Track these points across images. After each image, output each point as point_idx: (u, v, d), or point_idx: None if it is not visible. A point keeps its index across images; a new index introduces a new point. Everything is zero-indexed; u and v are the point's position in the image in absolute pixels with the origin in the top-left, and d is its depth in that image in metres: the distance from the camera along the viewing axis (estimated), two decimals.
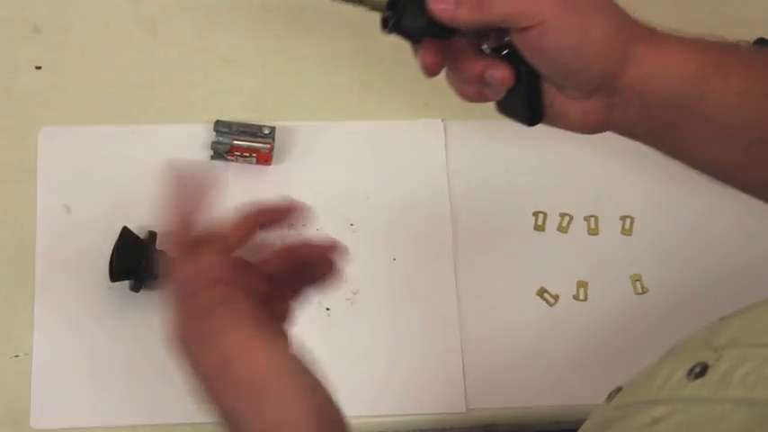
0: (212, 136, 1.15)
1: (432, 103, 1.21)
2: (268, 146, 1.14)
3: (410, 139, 1.19)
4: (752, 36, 1.23)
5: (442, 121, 1.20)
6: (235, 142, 1.14)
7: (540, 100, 0.87)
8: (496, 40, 0.85)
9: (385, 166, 1.19)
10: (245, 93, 1.21)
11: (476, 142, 1.20)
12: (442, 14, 0.81)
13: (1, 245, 1.14)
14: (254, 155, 1.15)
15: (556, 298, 1.16)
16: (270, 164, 1.16)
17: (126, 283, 1.10)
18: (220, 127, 1.15)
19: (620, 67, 0.82)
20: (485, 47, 0.86)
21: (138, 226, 1.12)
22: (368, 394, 1.11)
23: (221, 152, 1.14)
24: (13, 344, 1.10)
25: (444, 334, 1.14)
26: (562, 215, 1.19)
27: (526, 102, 0.88)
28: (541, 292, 1.16)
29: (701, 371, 0.68)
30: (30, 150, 1.16)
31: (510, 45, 0.84)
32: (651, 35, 0.83)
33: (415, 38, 0.86)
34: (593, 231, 1.19)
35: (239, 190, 1.16)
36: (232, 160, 1.15)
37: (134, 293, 1.10)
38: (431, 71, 0.86)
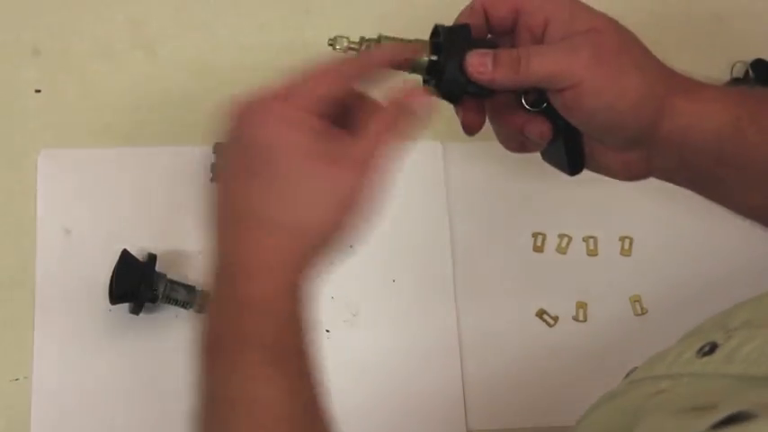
0: (212, 158, 1.15)
1: (431, 125, 1.21)
2: None
3: (409, 161, 1.19)
4: (750, 56, 1.24)
5: (441, 143, 1.20)
6: None
7: (580, 151, 0.89)
8: (534, 95, 0.87)
9: (384, 187, 1.19)
10: None
11: (475, 164, 1.20)
12: (481, 77, 0.83)
13: (1, 267, 1.14)
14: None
15: (555, 319, 1.16)
16: None
17: (126, 305, 1.10)
18: (220, 149, 1.14)
19: (657, 121, 0.83)
20: (523, 102, 0.87)
21: (138, 248, 1.12)
22: (368, 416, 1.10)
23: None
24: (12, 367, 1.10)
25: (444, 355, 1.14)
26: (561, 236, 1.19)
27: (566, 153, 0.89)
28: (541, 314, 1.16)
29: (709, 349, 0.71)
30: (29, 173, 1.16)
31: (547, 100, 0.85)
32: (687, 86, 0.84)
33: (454, 100, 0.88)
34: (593, 252, 1.19)
35: None
36: None
37: (134, 316, 1.10)
38: (471, 130, 0.89)
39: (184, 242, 1.15)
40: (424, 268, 1.16)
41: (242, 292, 0.75)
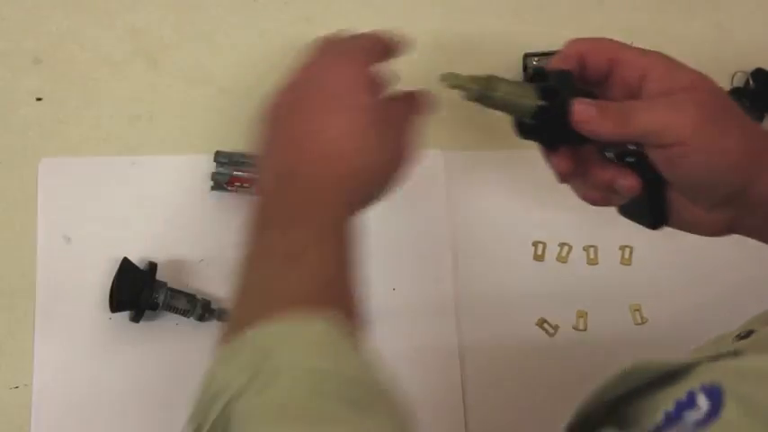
0: (212, 167, 1.15)
1: (431, 133, 1.21)
2: None
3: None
4: (750, 66, 1.24)
5: (442, 151, 1.20)
6: (235, 173, 1.14)
7: (664, 205, 0.88)
8: (621, 148, 0.87)
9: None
10: (245, 123, 1.21)
11: (475, 173, 1.20)
12: (585, 126, 0.82)
13: (1, 276, 1.14)
14: (253, 186, 1.15)
15: (556, 328, 1.17)
16: None
17: (126, 313, 1.10)
18: (220, 158, 1.15)
19: (753, 181, 0.82)
20: (609, 154, 0.88)
21: (139, 257, 1.12)
22: None
23: (221, 183, 1.14)
24: (12, 375, 1.10)
25: (444, 364, 1.14)
26: (561, 245, 1.19)
27: (650, 208, 0.89)
28: (541, 323, 1.16)
29: (745, 334, 0.76)
30: (30, 181, 1.17)
31: (637, 153, 0.85)
32: None
33: (552, 146, 0.88)
34: (593, 261, 1.19)
35: (239, 221, 1.16)
36: (232, 191, 1.15)
37: (134, 324, 1.10)
38: (564, 178, 0.89)
39: (185, 250, 1.15)
40: (425, 277, 1.16)
41: (291, 197, 0.83)
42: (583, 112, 0.82)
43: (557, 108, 0.83)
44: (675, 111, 0.80)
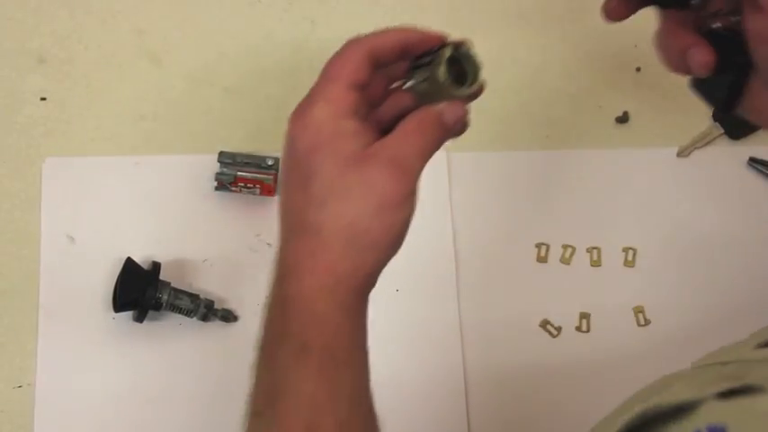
0: (216, 167, 1.15)
1: None
2: (272, 177, 1.14)
3: None
4: None
5: (445, 152, 1.20)
6: (239, 173, 1.14)
7: (741, 91, 0.83)
8: (725, 20, 0.82)
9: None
10: (248, 124, 1.21)
11: (479, 174, 1.20)
12: None
13: (5, 275, 1.14)
14: (257, 186, 1.15)
15: (559, 329, 1.16)
16: (274, 195, 1.16)
17: (129, 313, 1.10)
18: (224, 158, 1.15)
19: None
20: (713, 23, 0.82)
21: (142, 256, 1.13)
22: None
23: (225, 183, 1.14)
24: (16, 374, 1.11)
25: (447, 365, 1.14)
26: (565, 247, 1.19)
27: (727, 90, 0.83)
28: (544, 324, 1.16)
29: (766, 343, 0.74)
30: (34, 181, 1.17)
31: (733, 31, 0.80)
32: None
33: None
34: (596, 263, 1.19)
35: (243, 221, 1.16)
36: (236, 191, 1.15)
37: (137, 324, 1.10)
38: (612, 15, 0.85)
39: (189, 250, 1.15)
40: (428, 278, 1.16)
41: (286, 291, 0.77)
42: None
43: None
44: None
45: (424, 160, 0.79)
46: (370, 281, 0.80)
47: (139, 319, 1.10)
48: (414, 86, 0.83)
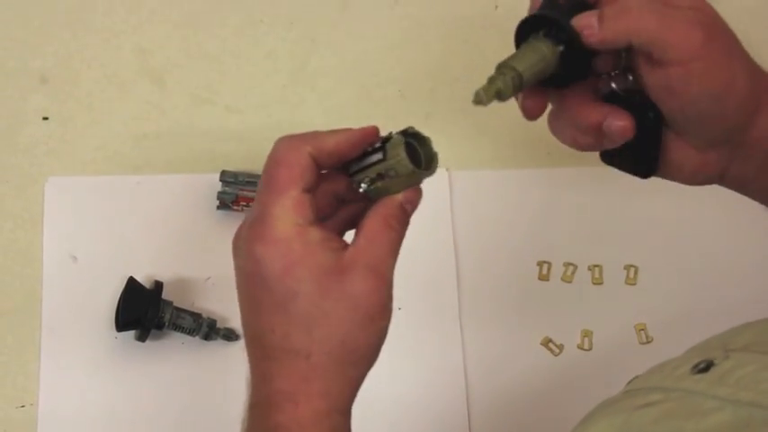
0: (218, 186, 1.15)
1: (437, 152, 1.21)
2: None
3: None
4: None
5: (447, 170, 1.20)
6: (240, 192, 1.14)
7: (658, 151, 0.80)
8: (626, 82, 0.79)
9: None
10: (250, 143, 1.22)
11: (480, 192, 1.21)
12: (592, 39, 0.74)
13: (7, 295, 1.14)
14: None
15: (561, 347, 1.16)
16: None
17: (132, 333, 1.10)
18: (226, 177, 1.15)
19: (752, 120, 0.77)
20: (612, 85, 0.79)
21: (145, 276, 1.13)
22: None
23: (227, 202, 1.15)
24: (18, 394, 1.10)
25: (450, 383, 1.14)
26: (566, 264, 1.19)
27: (643, 152, 0.81)
28: (546, 342, 1.16)
29: (705, 367, 0.70)
30: (36, 200, 1.17)
31: (633, 91, 0.78)
32: None
33: (581, 76, 0.79)
34: (598, 281, 1.19)
35: None
36: (238, 210, 1.15)
37: (140, 343, 1.10)
38: (533, 115, 0.81)
39: (191, 270, 1.15)
40: (430, 296, 1.16)
41: (277, 419, 0.74)
42: (584, 23, 0.74)
43: (568, 40, 0.76)
44: (684, 23, 0.73)
45: (395, 257, 0.77)
46: (356, 394, 0.78)
47: (142, 338, 1.10)
48: (369, 188, 0.78)
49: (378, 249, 0.76)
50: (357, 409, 1.11)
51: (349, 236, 0.79)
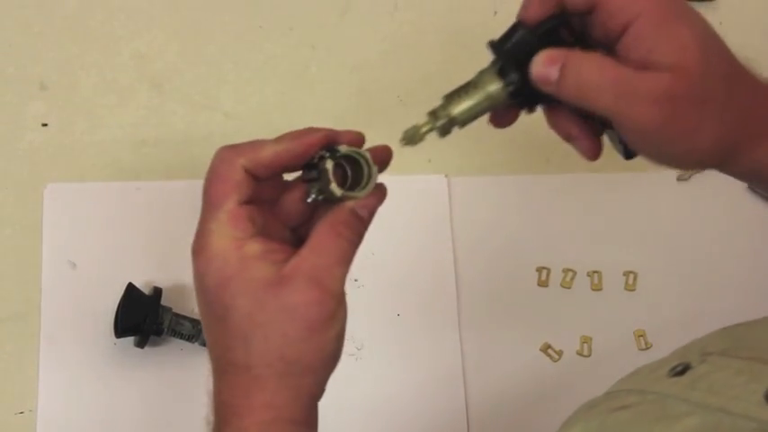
0: None
1: (435, 158, 1.21)
2: None
3: (414, 194, 1.20)
4: None
5: (446, 176, 1.20)
6: None
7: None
8: None
9: (389, 221, 1.19)
10: None
11: (479, 198, 1.21)
12: (546, 88, 0.73)
13: (6, 301, 1.14)
14: None
15: (560, 354, 1.16)
16: None
17: (131, 339, 1.10)
18: None
19: (728, 162, 0.76)
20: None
21: (144, 282, 1.13)
22: None
23: None
24: (17, 400, 1.10)
25: (449, 390, 1.14)
26: (565, 271, 1.19)
27: (622, 143, 0.79)
28: (545, 348, 1.16)
29: (681, 370, 0.70)
30: (35, 207, 1.17)
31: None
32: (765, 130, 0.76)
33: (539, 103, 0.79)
34: (597, 287, 1.19)
35: None
36: None
37: (139, 350, 1.10)
38: (501, 126, 0.80)
39: (190, 276, 1.14)
40: (429, 302, 1.16)
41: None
42: (541, 78, 0.72)
43: (521, 82, 0.74)
44: (641, 102, 0.70)
45: (345, 265, 0.76)
46: (312, 402, 0.77)
47: (141, 344, 1.10)
48: (316, 199, 0.77)
49: (322, 259, 0.74)
50: (356, 415, 1.12)
51: None
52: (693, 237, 1.22)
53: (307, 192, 0.78)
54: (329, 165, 0.76)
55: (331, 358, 0.76)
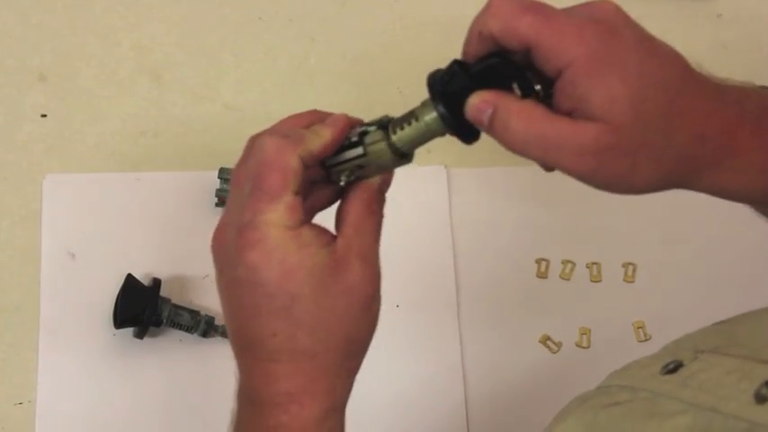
0: (217, 183, 1.15)
1: (434, 149, 1.20)
2: None
3: (413, 185, 1.20)
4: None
5: (445, 167, 1.20)
6: None
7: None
8: None
9: (387, 212, 1.19)
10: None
11: (479, 189, 1.21)
12: (482, 129, 0.75)
13: (6, 292, 1.14)
14: None
15: (559, 345, 1.17)
16: None
17: (130, 330, 1.10)
18: (225, 174, 1.15)
19: (685, 186, 0.75)
20: None
21: (143, 273, 1.13)
22: None
23: (225, 199, 1.14)
24: (16, 391, 1.10)
25: (448, 381, 1.14)
26: (565, 262, 1.19)
27: None
28: (544, 340, 1.17)
29: (674, 368, 0.70)
30: (35, 197, 1.17)
31: None
32: (716, 158, 0.73)
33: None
34: (596, 278, 1.19)
35: None
36: None
37: (138, 340, 1.10)
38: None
39: (189, 267, 1.15)
40: (428, 294, 1.16)
41: (278, 419, 0.74)
42: (475, 114, 0.74)
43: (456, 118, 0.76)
44: (570, 154, 0.70)
45: (379, 241, 0.78)
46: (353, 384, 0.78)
47: (140, 335, 1.10)
48: (348, 180, 0.77)
49: (366, 237, 0.77)
50: (355, 407, 1.11)
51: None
52: (692, 228, 1.21)
53: (335, 175, 0.78)
54: (380, 135, 0.77)
55: (372, 336, 0.79)
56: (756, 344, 0.71)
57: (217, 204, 1.15)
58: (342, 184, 0.77)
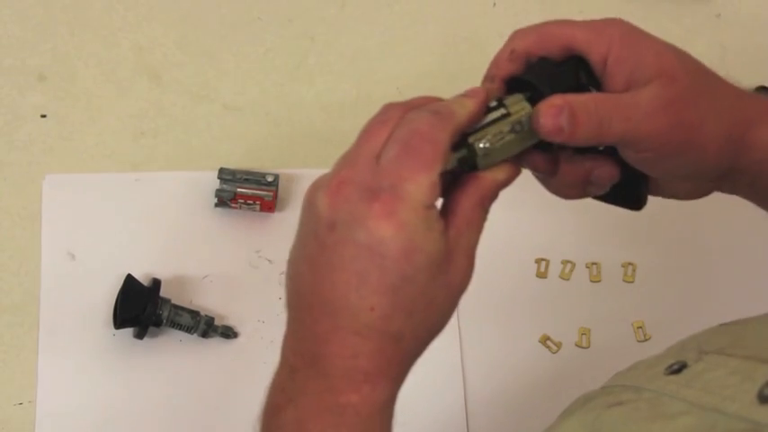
0: (216, 183, 1.15)
1: None
2: (271, 193, 1.15)
3: None
4: (751, 85, 1.24)
5: None
6: (238, 190, 1.14)
7: (645, 187, 0.82)
8: None
9: None
10: (248, 140, 1.22)
11: None
12: (557, 138, 0.74)
13: (5, 292, 1.14)
14: (257, 202, 1.15)
15: (559, 345, 1.17)
16: (273, 211, 1.17)
17: (130, 330, 1.10)
18: (224, 174, 1.15)
19: (736, 160, 0.77)
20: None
21: (143, 273, 1.13)
22: None
23: (225, 200, 1.15)
24: (16, 391, 1.10)
25: (447, 381, 1.14)
26: (564, 262, 1.19)
27: (631, 191, 0.83)
28: (544, 340, 1.17)
29: (678, 368, 0.70)
30: (34, 198, 1.17)
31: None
32: (764, 115, 0.78)
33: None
34: (596, 278, 1.19)
35: (243, 237, 1.16)
36: (236, 208, 1.15)
37: (138, 341, 1.10)
38: (551, 173, 0.82)
39: (189, 267, 1.15)
40: None
41: (343, 399, 0.72)
42: (550, 124, 0.73)
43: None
44: (645, 118, 0.73)
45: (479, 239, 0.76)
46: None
47: (140, 335, 1.10)
48: (490, 147, 0.75)
49: (474, 233, 0.75)
50: None
51: None
52: (692, 228, 1.22)
53: (475, 141, 0.74)
54: (518, 96, 0.76)
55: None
56: (762, 344, 0.71)
57: (216, 204, 1.16)
58: (482, 145, 0.74)
